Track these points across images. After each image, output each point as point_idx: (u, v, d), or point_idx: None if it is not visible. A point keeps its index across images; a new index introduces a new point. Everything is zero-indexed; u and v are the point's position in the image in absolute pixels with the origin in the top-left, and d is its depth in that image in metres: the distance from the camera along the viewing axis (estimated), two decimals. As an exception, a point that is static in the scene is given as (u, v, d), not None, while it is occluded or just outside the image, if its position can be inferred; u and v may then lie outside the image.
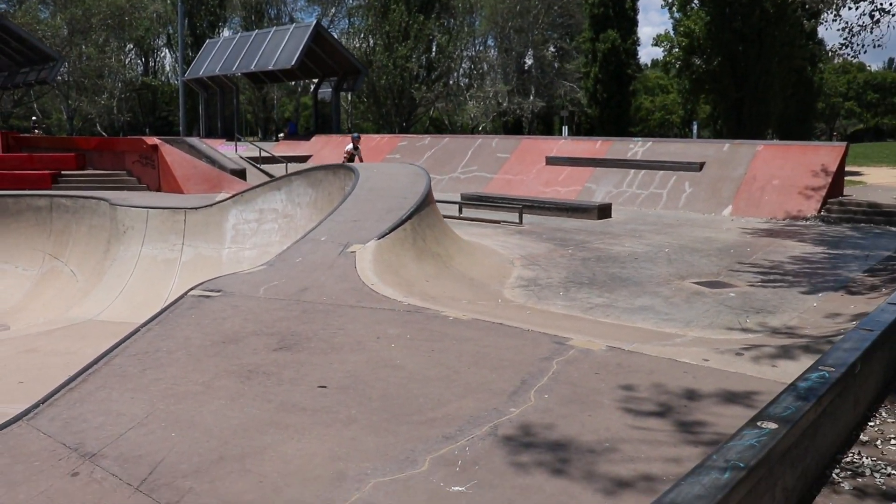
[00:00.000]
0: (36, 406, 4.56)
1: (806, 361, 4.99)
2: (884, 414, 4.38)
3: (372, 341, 5.75)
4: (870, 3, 12.93)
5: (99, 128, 53.86)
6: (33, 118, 36.39)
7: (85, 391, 4.77)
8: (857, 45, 13.01)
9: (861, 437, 4.05)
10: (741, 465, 2.65)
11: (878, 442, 3.97)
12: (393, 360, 5.30)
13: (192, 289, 7.55)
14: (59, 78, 47.87)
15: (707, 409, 4.31)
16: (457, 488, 3.39)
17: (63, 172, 19.58)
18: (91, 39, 47.53)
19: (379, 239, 8.83)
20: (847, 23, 13.28)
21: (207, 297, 7.20)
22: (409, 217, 9.50)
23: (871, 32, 13.02)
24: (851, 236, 13.31)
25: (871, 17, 12.95)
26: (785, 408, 3.23)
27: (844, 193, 17.05)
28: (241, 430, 4.09)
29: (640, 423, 4.12)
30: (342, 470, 3.60)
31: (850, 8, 13.05)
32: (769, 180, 16.60)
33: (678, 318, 7.62)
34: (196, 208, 14.22)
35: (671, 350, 5.64)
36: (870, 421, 4.29)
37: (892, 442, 3.98)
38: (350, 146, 20.76)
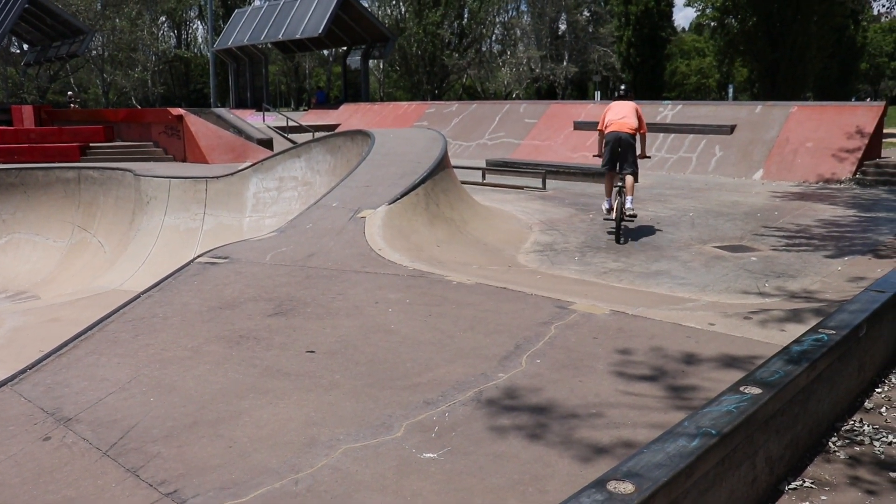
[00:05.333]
0: (23, 371, 4.53)
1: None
2: (894, 380, 4.15)
3: (370, 306, 5.63)
4: None
5: (134, 101, 54.35)
6: (69, 93, 36.74)
7: (73, 357, 4.73)
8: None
9: (865, 404, 3.84)
10: (713, 432, 2.48)
11: (883, 409, 3.76)
12: (388, 324, 5.18)
13: (199, 256, 7.52)
14: (93, 52, 48.38)
15: (704, 374, 4.12)
16: (428, 455, 3.27)
17: (91, 144, 19.74)
18: (123, 13, 47.78)
19: (390, 204, 8.70)
20: None
21: (213, 263, 7.15)
22: (422, 182, 9.34)
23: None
24: (886, 199, 12.83)
25: None
26: (773, 372, 3.03)
27: (882, 155, 16.44)
28: (220, 395, 4.00)
29: (631, 389, 3.95)
30: (314, 436, 3.49)
31: None
32: (802, 143, 16.07)
33: (694, 282, 7.39)
34: (217, 177, 14.20)
35: (677, 314, 5.43)
36: (878, 387, 4.07)
37: (900, 408, 3.77)
38: None
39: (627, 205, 9.42)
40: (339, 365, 4.41)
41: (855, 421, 3.61)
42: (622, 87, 10.83)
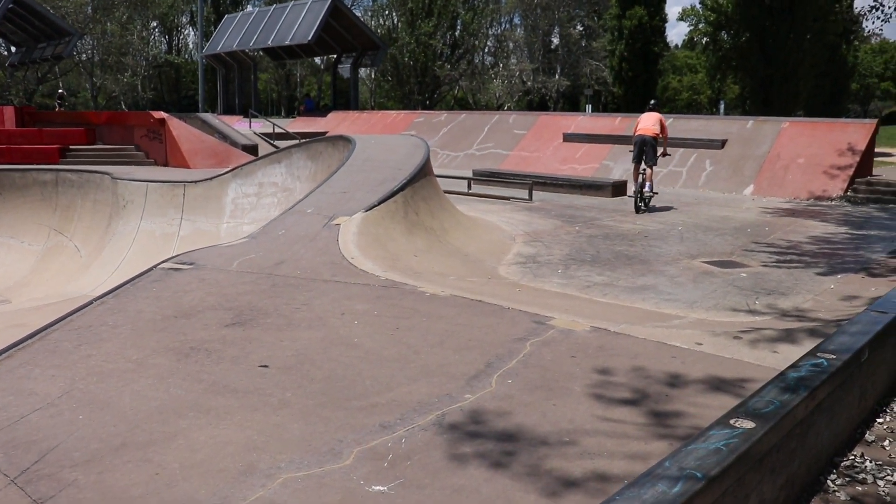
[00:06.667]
0: (-54, 383, 4.13)
1: (810, 346, 4.41)
2: (896, 408, 3.81)
3: (335, 317, 5.26)
4: None
5: (123, 105, 53.86)
6: (60, 90, 36.10)
7: (5, 367, 4.33)
8: (889, 6, 12.06)
9: (867, 436, 3.49)
10: (698, 475, 2.12)
11: (886, 442, 3.41)
12: (351, 337, 4.81)
13: (163, 261, 7.14)
14: (83, 56, 47.89)
15: (690, 398, 3.77)
16: (377, 488, 2.89)
17: (71, 147, 19.33)
18: (114, 17, 47.28)
19: (366, 211, 8.34)
20: None
21: (177, 269, 6.77)
22: (401, 189, 8.99)
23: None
24: (878, 217, 12.56)
25: None
26: (768, 402, 2.68)
27: (873, 173, 16.20)
28: (157, 414, 3.62)
29: (609, 414, 3.59)
30: (254, 462, 3.12)
31: None
32: (794, 159, 15.81)
33: (681, 298, 7.05)
34: (196, 182, 13.81)
35: (662, 332, 5.08)
36: (879, 417, 3.72)
37: (904, 441, 3.42)
38: None
39: (647, 187, 12.84)
40: (292, 382, 4.03)
41: (855, 456, 3.26)
42: (652, 101, 14.05)
